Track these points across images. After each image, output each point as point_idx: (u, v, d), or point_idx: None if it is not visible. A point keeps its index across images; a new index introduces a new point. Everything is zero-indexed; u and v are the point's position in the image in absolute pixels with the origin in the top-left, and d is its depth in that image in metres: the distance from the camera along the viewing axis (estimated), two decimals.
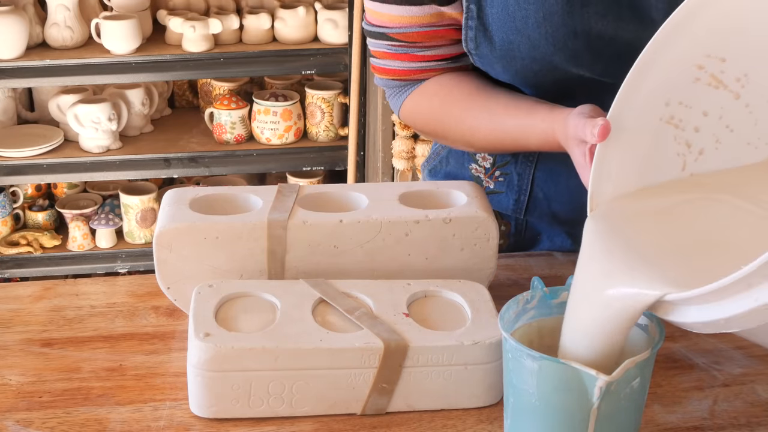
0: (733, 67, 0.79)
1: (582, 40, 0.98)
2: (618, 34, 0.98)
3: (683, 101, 0.80)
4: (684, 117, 0.81)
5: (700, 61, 0.79)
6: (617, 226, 0.77)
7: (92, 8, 2.58)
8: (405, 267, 0.98)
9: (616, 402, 0.70)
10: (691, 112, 0.80)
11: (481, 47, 1.03)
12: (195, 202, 0.98)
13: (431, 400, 0.86)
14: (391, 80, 1.13)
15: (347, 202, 1.01)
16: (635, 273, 0.70)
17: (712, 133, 0.81)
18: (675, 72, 0.79)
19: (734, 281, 0.60)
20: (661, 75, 0.78)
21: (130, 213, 2.62)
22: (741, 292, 0.62)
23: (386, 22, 1.07)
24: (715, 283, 0.62)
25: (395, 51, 1.09)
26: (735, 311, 0.63)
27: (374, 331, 0.84)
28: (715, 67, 0.79)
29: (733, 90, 0.80)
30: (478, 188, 1.04)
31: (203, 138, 2.66)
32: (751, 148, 0.82)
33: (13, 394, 0.88)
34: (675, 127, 0.81)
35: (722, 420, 0.85)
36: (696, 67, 0.79)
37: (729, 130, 0.81)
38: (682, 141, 0.81)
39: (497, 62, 1.03)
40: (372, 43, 1.12)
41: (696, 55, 0.78)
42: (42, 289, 1.06)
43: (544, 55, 0.99)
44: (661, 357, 0.92)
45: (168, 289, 0.97)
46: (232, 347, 0.81)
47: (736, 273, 0.60)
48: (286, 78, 2.78)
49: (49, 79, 2.45)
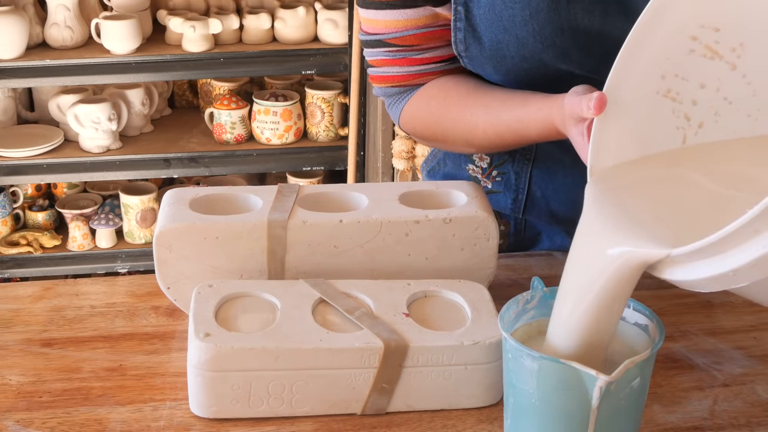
0: (727, 36, 0.77)
1: (569, 36, 0.98)
2: (606, 30, 0.98)
3: (679, 74, 0.79)
4: (681, 90, 0.79)
5: (694, 32, 0.77)
6: (617, 191, 0.76)
7: (92, 8, 2.58)
8: (405, 267, 0.98)
9: (616, 402, 0.70)
10: (687, 84, 0.79)
11: (470, 49, 1.03)
12: (195, 202, 0.99)
13: (431, 400, 0.86)
14: (390, 88, 1.13)
15: (347, 202, 1.01)
16: (639, 231, 0.69)
17: (711, 106, 0.80)
18: (669, 44, 0.77)
19: (740, 227, 0.59)
20: (655, 48, 0.77)
21: (130, 213, 2.63)
22: (748, 239, 0.60)
23: (381, 28, 1.08)
24: (721, 231, 0.60)
25: (393, 57, 1.09)
26: (743, 261, 0.61)
27: (374, 331, 0.84)
28: (709, 37, 0.77)
29: (729, 61, 0.78)
30: (478, 188, 1.04)
31: (203, 138, 2.66)
32: (751, 120, 0.80)
33: (13, 394, 0.88)
34: (672, 100, 0.79)
35: (722, 420, 0.85)
36: (690, 38, 0.77)
37: (727, 102, 0.80)
38: (680, 114, 0.80)
39: (487, 63, 1.03)
40: (369, 52, 1.12)
41: (689, 25, 0.77)
42: (42, 289, 1.06)
43: (533, 52, 0.99)
44: (661, 357, 0.92)
45: (168, 289, 0.97)
46: (232, 347, 0.81)
47: (741, 218, 0.59)
48: (286, 78, 2.78)
49: (49, 79, 2.45)
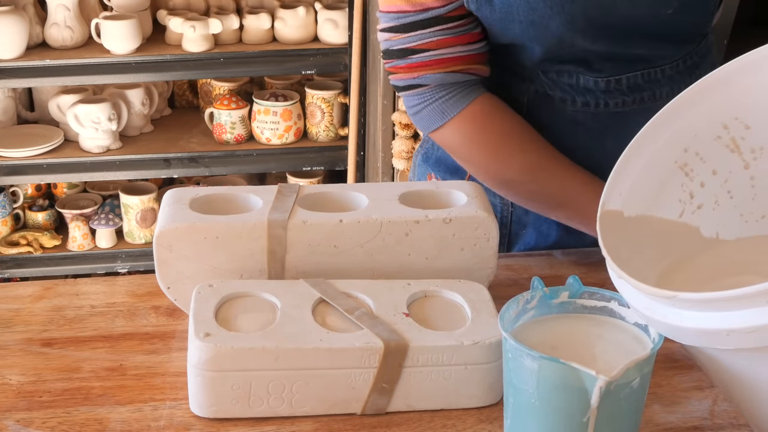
0: (753, 137, 0.82)
1: (579, 5, 1.00)
2: (615, 6, 1.00)
3: (700, 153, 0.83)
4: (696, 168, 0.84)
5: (727, 122, 0.82)
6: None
7: (92, 8, 2.58)
8: (405, 267, 0.98)
9: (616, 402, 0.70)
10: (703, 166, 0.84)
11: (481, 9, 1.03)
12: (195, 202, 0.99)
13: (431, 400, 0.86)
14: (449, 73, 1.05)
15: (347, 202, 1.01)
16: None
17: (714, 193, 0.84)
18: (702, 123, 0.82)
19: (760, 291, 0.61)
20: (690, 120, 0.82)
21: (130, 213, 2.63)
22: (757, 305, 0.62)
23: (431, 2, 1.02)
24: (741, 290, 0.62)
25: (454, 34, 1.03)
26: (742, 324, 0.63)
27: (374, 331, 0.84)
28: (738, 131, 0.82)
29: (746, 159, 0.83)
30: (478, 188, 1.04)
31: (203, 138, 2.66)
32: (742, 221, 0.85)
33: (13, 393, 0.88)
34: (685, 174, 0.84)
35: (722, 420, 0.85)
36: (722, 125, 0.82)
37: (729, 195, 0.84)
38: (687, 190, 0.84)
39: (495, 25, 1.03)
40: (417, 36, 1.03)
41: (726, 113, 0.82)
42: (42, 289, 1.06)
43: (542, 18, 1.00)
44: (661, 357, 0.92)
45: (168, 289, 0.97)
46: (232, 347, 0.81)
47: (761, 284, 0.61)
48: (286, 78, 2.78)
49: (49, 79, 2.45)
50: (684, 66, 1.13)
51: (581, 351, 0.76)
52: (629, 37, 1.06)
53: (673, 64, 1.12)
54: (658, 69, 1.11)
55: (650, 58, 1.10)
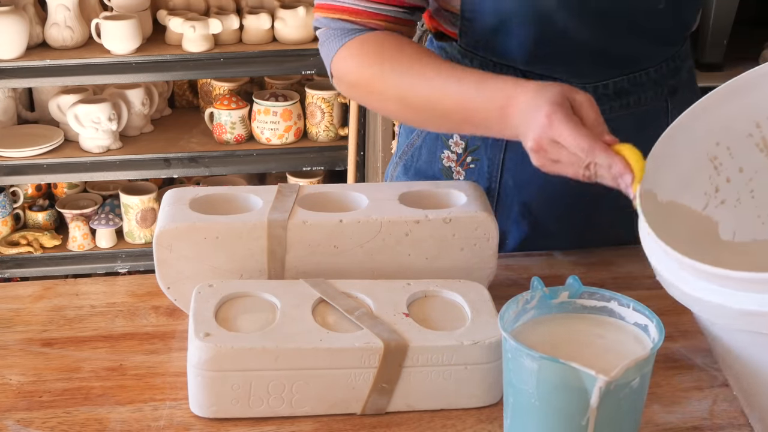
0: None
1: None
2: None
3: (730, 148, 0.84)
4: (725, 163, 0.85)
5: (760, 120, 0.83)
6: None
7: (92, 8, 2.58)
8: (405, 267, 0.98)
9: (616, 402, 0.70)
10: (732, 161, 0.84)
11: None
12: (195, 202, 0.99)
13: (431, 400, 0.86)
14: (336, 20, 1.05)
15: (347, 202, 1.01)
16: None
17: (737, 191, 0.85)
18: (737, 119, 0.83)
19: None
20: (725, 115, 0.82)
21: (130, 213, 2.62)
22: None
23: None
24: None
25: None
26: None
27: (374, 331, 0.84)
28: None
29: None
30: (478, 188, 1.04)
31: (203, 138, 2.66)
32: (758, 222, 0.85)
33: (13, 393, 0.88)
34: (714, 168, 0.85)
35: (722, 420, 0.85)
36: (755, 124, 0.83)
37: (751, 195, 0.85)
38: (713, 183, 0.85)
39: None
40: None
41: (760, 112, 0.82)
42: (42, 289, 1.06)
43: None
44: (661, 357, 0.92)
45: (168, 289, 0.97)
46: (232, 347, 0.81)
47: None
48: (286, 78, 2.77)
49: (49, 79, 2.45)
50: (667, 69, 1.14)
51: (581, 351, 0.76)
52: (619, 30, 1.06)
53: (658, 66, 1.13)
54: (643, 72, 1.12)
55: (637, 58, 1.11)
